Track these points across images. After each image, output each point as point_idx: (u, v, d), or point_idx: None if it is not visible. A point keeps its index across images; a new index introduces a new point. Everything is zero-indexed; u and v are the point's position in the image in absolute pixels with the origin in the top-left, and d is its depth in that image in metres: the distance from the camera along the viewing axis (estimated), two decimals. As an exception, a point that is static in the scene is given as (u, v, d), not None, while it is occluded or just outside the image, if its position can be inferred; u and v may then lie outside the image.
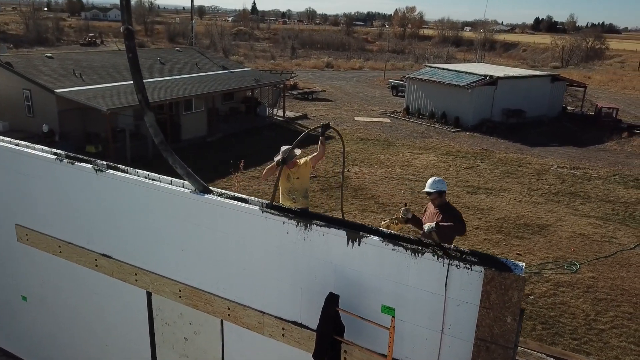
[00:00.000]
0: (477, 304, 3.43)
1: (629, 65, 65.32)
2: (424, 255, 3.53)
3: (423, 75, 25.53)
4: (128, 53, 4.43)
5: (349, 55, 65.11)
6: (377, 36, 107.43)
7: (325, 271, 3.96)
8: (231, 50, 57.70)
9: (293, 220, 3.98)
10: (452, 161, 17.48)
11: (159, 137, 4.51)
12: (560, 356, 6.42)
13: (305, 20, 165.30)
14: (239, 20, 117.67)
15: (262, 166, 15.62)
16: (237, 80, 20.96)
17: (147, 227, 4.82)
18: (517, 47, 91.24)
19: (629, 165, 18.37)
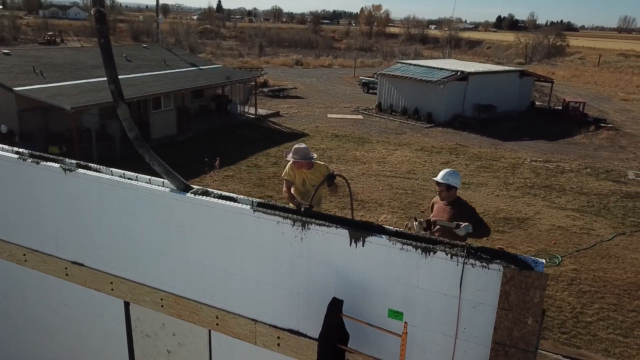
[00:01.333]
0: (494, 305, 3.17)
1: (589, 61, 67.24)
2: (435, 254, 3.24)
3: (395, 72, 25.45)
4: (100, 38, 4.01)
5: (317, 53, 64.89)
6: (344, 34, 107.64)
7: (325, 274, 3.64)
8: (197, 48, 56.62)
9: (289, 220, 3.64)
10: (427, 157, 17.41)
11: (133, 131, 4.10)
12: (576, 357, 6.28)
13: (271, 19, 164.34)
14: (204, 19, 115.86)
15: (237, 165, 15.18)
16: (207, 78, 20.38)
17: (124, 231, 4.40)
18: (482, 45, 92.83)
19: (598, 157, 18.69)
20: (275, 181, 14.07)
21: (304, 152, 5.57)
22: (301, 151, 5.55)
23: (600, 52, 72.39)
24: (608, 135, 22.05)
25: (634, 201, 13.90)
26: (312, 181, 5.69)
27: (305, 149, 5.58)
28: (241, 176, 14.39)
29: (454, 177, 5.43)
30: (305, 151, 5.56)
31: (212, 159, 10.67)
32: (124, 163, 14.16)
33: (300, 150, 5.56)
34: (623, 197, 14.14)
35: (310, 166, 5.67)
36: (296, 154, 5.56)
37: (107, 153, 15.32)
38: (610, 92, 37.01)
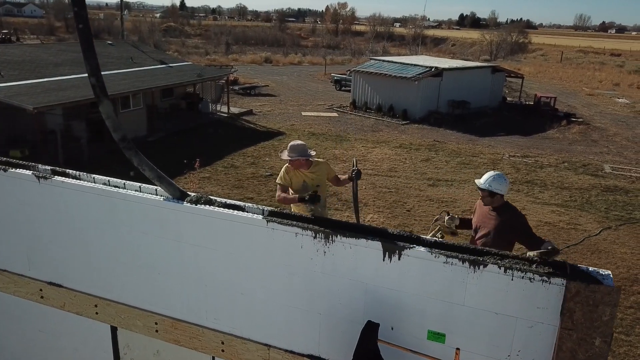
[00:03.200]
0: (555, 325, 2.78)
1: (551, 57, 68.86)
2: (486, 267, 2.83)
3: (368, 69, 25.14)
4: (78, 23, 3.43)
5: (285, 51, 64.23)
6: (311, 32, 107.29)
7: (352, 292, 3.18)
8: (162, 46, 55.18)
9: (309, 231, 3.16)
10: (407, 154, 17.15)
11: (119, 131, 3.54)
12: None
13: (236, 17, 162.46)
14: (167, 17, 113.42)
15: (213, 166, 14.55)
16: (178, 75, 19.58)
17: (110, 247, 3.83)
18: (447, 42, 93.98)
19: (573, 152, 18.84)
20: (254, 182, 13.52)
21: (301, 148, 5.03)
22: (298, 148, 5.01)
23: (561, 49, 74.29)
24: (580, 130, 22.33)
25: (614, 195, 13.97)
26: (315, 181, 5.16)
27: (302, 145, 5.06)
28: (218, 178, 13.77)
29: (498, 183, 4.78)
30: (302, 147, 5.04)
31: (191, 160, 10.04)
32: (93, 167, 13.39)
33: (297, 147, 5.02)
34: (603, 191, 14.20)
35: (310, 164, 5.13)
36: (293, 152, 5.01)
37: (74, 156, 14.42)
38: (576, 88, 37.81)
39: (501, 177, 4.82)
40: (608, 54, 72.34)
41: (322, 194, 5.20)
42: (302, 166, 5.07)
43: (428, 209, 12.33)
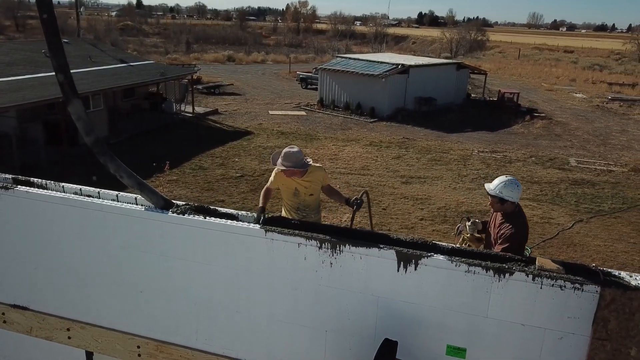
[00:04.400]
0: (587, 335, 2.57)
1: (509, 54, 70.53)
2: (512, 275, 2.60)
3: (335, 66, 24.93)
4: (41, 13, 3.03)
5: (247, 50, 63.39)
6: (272, 31, 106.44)
7: (363, 307, 2.90)
8: (120, 45, 53.44)
9: (314, 241, 2.87)
10: (377, 152, 17.02)
11: (92, 135, 3.16)
12: None
13: (195, 15, 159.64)
14: (124, 15, 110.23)
15: (180, 168, 14.01)
16: (140, 74, 18.82)
17: (84, 263, 3.42)
18: (407, 40, 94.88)
19: (538, 146, 19.16)
20: (225, 184, 13.07)
21: (297, 157, 4.45)
22: (293, 157, 4.44)
23: (517, 46, 76.21)
24: (543, 125, 22.78)
25: (582, 188, 14.22)
26: (308, 190, 4.68)
27: (298, 153, 4.47)
28: (186, 180, 13.24)
29: (509, 190, 4.23)
30: (298, 156, 4.45)
31: (160, 162, 9.53)
32: (52, 172, 12.64)
33: (292, 155, 4.45)
34: (571, 184, 14.43)
35: (304, 173, 4.63)
36: (287, 160, 4.44)
37: (31, 160, 13.59)
38: (535, 84, 38.72)
39: (513, 183, 4.26)
40: (562, 51, 74.66)
41: (317, 200, 4.80)
42: (295, 174, 4.60)
43: (403, 206, 12.20)
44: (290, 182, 4.62)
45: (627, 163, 16.88)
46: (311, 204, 4.75)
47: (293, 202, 4.75)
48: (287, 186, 4.69)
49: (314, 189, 4.66)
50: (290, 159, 4.38)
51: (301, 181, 4.59)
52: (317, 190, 4.73)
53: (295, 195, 4.68)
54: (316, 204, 4.84)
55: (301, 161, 4.40)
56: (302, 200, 4.70)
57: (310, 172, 4.61)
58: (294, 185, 4.63)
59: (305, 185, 4.60)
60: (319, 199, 4.92)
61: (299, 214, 4.75)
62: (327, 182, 4.73)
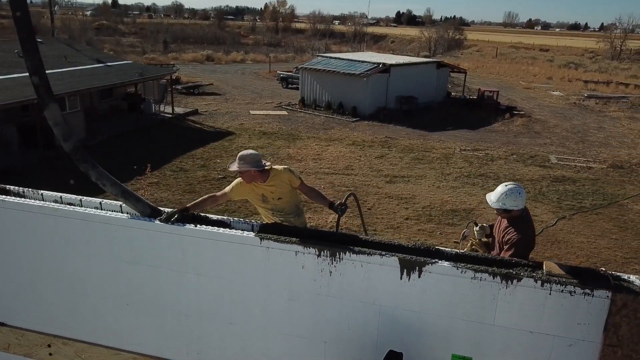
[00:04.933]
0: (597, 342, 2.50)
1: (487, 53, 71.28)
2: (520, 281, 2.51)
3: (316, 65, 24.79)
4: (14, 11, 2.85)
5: (226, 49, 62.83)
6: (251, 30, 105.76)
7: (364, 317, 2.78)
8: (96, 45, 52.40)
9: (312, 249, 2.74)
10: (361, 151, 16.94)
11: (70, 141, 2.98)
12: None
13: (172, 15, 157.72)
14: (99, 14, 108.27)
15: (161, 170, 13.72)
16: (118, 75, 18.39)
17: (66, 275, 3.23)
18: (386, 39, 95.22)
19: (519, 144, 19.32)
20: (207, 186, 12.82)
21: (252, 158, 4.13)
22: (248, 157, 4.11)
23: (494, 45, 77.12)
24: (522, 122, 22.99)
25: (563, 185, 14.36)
26: (275, 194, 4.35)
27: (254, 155, 4.15)
28: (167, 182, 12.96)
29: (512, 200, 3.98)
30: (253, 157, 4.13)
31: (141, 165, 9.27)
32: (27, 177, 12.24)
33: (247, 156, 4.12)
34: (553, 182, 14.56)
35: (266, 177, 4.27)
36: (242, 162, 4.13)
37: (4, 164, 13.14)
38: (513, 82, 39.17)
39: (514, 193, 3.99)
40: (537, 49, 75.75)
41: (290, 202, 4.46)
42: (256, 179, 4.23)
43: (388, 206, 12.14)
44: (255, 189, 4.32)
45: (606, 159, 17.12)
46: (284, 207, 4.43)
47: (266, 208, 4.46)
48: (255, 193, 4.36)
49: (281, 192, 4.34)
50: (246, 160, 4.10)
51: (265, 186, 4.30)
52: (287, 194, 4.39)
53: (264, 201, 4.39)
54: (292, 208, 4.50)
55: (257, 161, 4.11)
56: (274, 205, 4.41)
57: (274, 175, 4.30)
58: (260, 191, 4.34)
59: (271, 190, 4.31)
60: (295, 202, 4.56)
61: (275, 218, 4.43)
62: (296, 183, 4.36)
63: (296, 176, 4.36)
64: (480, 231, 4.40)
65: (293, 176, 4.34)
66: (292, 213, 4.46)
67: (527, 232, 3.98)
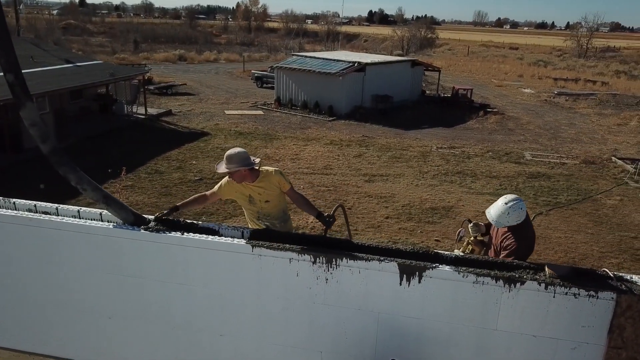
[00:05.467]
0: (602, 344, 2.45)
1: (459, 51, 72.22)
2: (523, 284, 2.44)
3: (291, 65, 24.61)
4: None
5: (199, 49, 62.06)
6: (223, 29, 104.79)
7: (362, 325, 2.68)
8: (63, 45, 51.05)
9: (307, 255, 2.62)
10: (339, 150, 16.87)
11: (49, 142, 2.82)
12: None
13: (142, 14, 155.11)
14: (66, 14, 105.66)
15: (135, 173, 13.38)
16: (88, 75, 17.87)
17: (42, 289, 3.03)
18: (359, 38, 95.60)
19: (494, 141, 19.55)
20: (184, 188, 12.55)
21: (240, 157, 3.93)
22: (236, 157, 3.91)
23: (465, 44, 78.22)
24: (496, 120, 23.29)
25: (539, 181, 14.55)
26: (262, 196, 4.13)
27: (242, 153, 3.96)
28: (142, 185, 12.63)
29: (515, 216, 3.71)
30: (241, 156, 3.94)
31: (115, 168, 8.99)
32: None
33: (235, 156, 3.92)
34: (528, 178, 14.75)
35: (256, 176, 4.08)
36: (230, 162, 3.91)
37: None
38: (485, 80, 39.73)
39: (516, 209, 3.72)
40: (507, 48, 77.13)
41: (278, 207, 4.27)
42: (246, 178, 4.03)
43: (368, 205, 12.09)
44: (243, 189, 4.12)
45: (578, 155, 17.45)
46: (271, 212, 4.22)
47: (252, 211, 4.26)
48: (241, 193, 4.16)
49: (269, 195, 4.13)
50: (233, 159, 3.89)
51: (253, 186, 4.09)
52: (275, 197, 4.19)
53: (251, 203, 4.18)
54: (278, 212, 4.29)
55: (245, 160, 3.91)
56: (260, 208, 4.19)
57: (264, 176, 4.12)
58: (248, 192, 4.14)
59: (259, 192, 4.10)
60: (282, 207, 4.35)
61: (261, 223, 4.22)
62: (285, 187, 4.17)
63: (286, 180, 4.15)
64: (475, 228, 4.29)
65: (283, 179, 4.14)
66: (279, 218, 4.27)
67: (527, 237, 3.85)
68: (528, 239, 3.84)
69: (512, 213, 3.71)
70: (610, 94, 31.77)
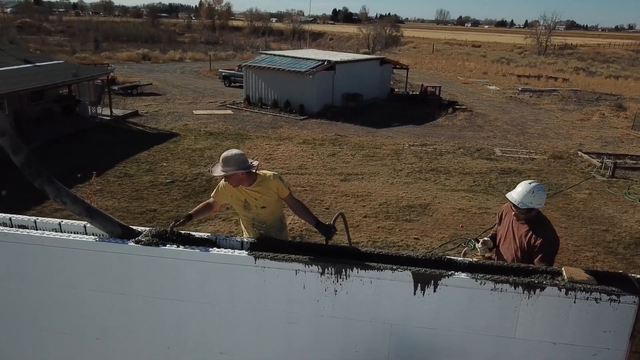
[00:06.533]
0: (623, 349, 2.38)
1: (423, 49, 73.14)
2: (543, 290, 2.34)
3: (260, 63, 24.28)
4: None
5: (163, 48, 60.80)
6: (186, 28, 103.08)
7: (373, 338, 2.54)
8: (19, 44, 49.12)
9: (315, 266, 2.46)
10: (312, 150, 16.71)
11: (21, 153, 2.57)
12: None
13: (102, 12, 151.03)
14: (21, 12, 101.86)
15: (103, 176, 12.90)
16: (50, 75, 17.12)
17: (19, 309, 2.77)
18: (324, 36, 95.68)
19: (464, 137, 19.76)
20: (155, 191, 12.15)
21: (237, 159, 3.72)
22: (232, 159, 3.71)
23: (429, 42, 79.29)
24: (465, 117, 23.58)
25: (510, 176, 14.76)
26: (259, 202, 3.89)
27: (238, 155, 3.75)
28: (112, 189, 12.16)
29: (539, 198, 3.72)
30: (238, 158, 3.73)
31: (85, 173, 8.58)
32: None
33: (232, 157, 3.71)
34: (500, 174, 14.94)
35: (253, 179, 3.87)
36: (227, 165, 3.69)
37: None
38: (451, 77, 40.30)
39: (541, 189, 3.75)
40: (470, 46, 78.59)
41: (274, 214, 4.04)
42: (242, 182, 3.82)
43: (345, 204, 11.98)
44: (239, 193, 3.89)
45: (546, 151, 17.81)
46: (267, 219, 3.98)
47: (247, 217, 4.02)
48: (237, 197, 3.93)
49: (266, 200, 3.89)
50: (230, 162, 3.67)
51: (250, 191, 3.86)
52: (272, 203, 3.94)
53: (246, 208, 3.94)
54: (275, 220, 4.06)
55: (243, 162, 3.70)
56: (256, 214, 3.95)
57: (261, 180, 3.87)
58: (243, 196, 3.90)
59: (255, 197, 3.86)
60: (279, 214, 4.12)
61: (255, 231, 3.94)
62: (284, 194, 3.94)
63: (286, 185, 3.91)
64: (484, 247, 4.13)
65: (282, 185, 3.89)
66: (275, 227, 4.02)
67: (553, 229, 3.78)
68: (554, 231, 3.76)
69: (537, 193, 3.68)
70: (572, 90, 32.68)
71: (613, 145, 19.45)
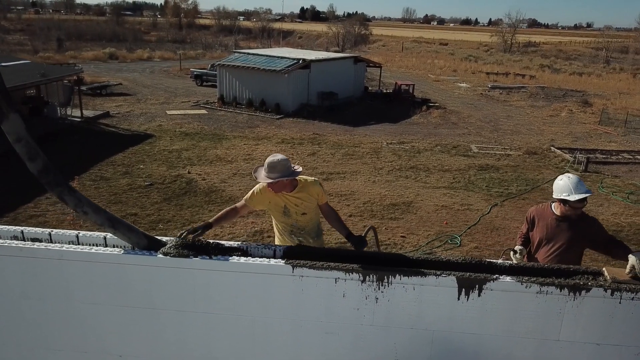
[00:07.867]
0: (665, 348, 2.39)
1: (392, 47, 73.74)
2: (588, 292, 2.32)
3: (234, 62, 23.97)
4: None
5: (129, 46, 59.46)
6: (152, 26, 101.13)
7: (415, 345, 2.47)
8: (-24, 44, 47.30)
9: (356, 274, 2.38)
10: (292, 149, 16.59)
11: (38, 160, 2.43)
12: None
13: (63, 10, 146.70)
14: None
15: (78, 180, 12.44)
16: (16, 76, 16.45)
17: (36, 327, 2.60)
18: (294, 35, 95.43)
19: (440, 135, 19.99)
20: (134, 195, 11.82)
21: (283, 165, 3.57)
22: (279, 165, 3.56)
23: (398, 40, 79.99)
24: (439, 114, 23.87)
25: (489, 172, 14.99)
26: (299, 208, 3.80)
27: (284, 162, 3.60)
28: (88, 194, 11.76)
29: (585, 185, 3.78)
30: (284, 164, 3.58)
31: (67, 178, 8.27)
32: None
33: (278, 164, 3.57)
34: (479, 170, 15.16)
35: (294, 186, 3.76)
36: (273, 172, 3.55)
37: None
38: (422, 75, 40.76)
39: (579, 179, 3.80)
40: (438, 44, 79.68)
41: (313, 220, 3.95)
42: (285, 188, 3.72)
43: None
44: (278, 199, 3.78)
45: (520, 147, 18.19)
46: (306, 225, 3.88)
47: (285, 224, 3.90)
48: (275, 203, 3.81)
49: (307, 207, 3.79)
50: (276, 168, 3.54)
51: (290, 197, 3.76)
52: (312, 210, 3.86)
53: (286, 215, 3.82)
54: (313, 226, 3.96)
55: (288, 169, 3.58)
56: (295, 221, 3.84)
57: (302, 186, 3.77)
58: (283, 202, 3.78)
59: (296, 203, 3.77)
60: (317, 221, 4.02)
61: (293, 239, 3.87)
62: (323, 200, 3.90)
63: (325, 192, 3.88)
64: (520, 256, 4.15)
65: (322, 191, 3.86)
66: (313, 233, 3.92)
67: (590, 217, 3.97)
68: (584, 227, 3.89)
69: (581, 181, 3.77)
70: (539, 87, 33.49)
71: (583, 140, 20.02)
